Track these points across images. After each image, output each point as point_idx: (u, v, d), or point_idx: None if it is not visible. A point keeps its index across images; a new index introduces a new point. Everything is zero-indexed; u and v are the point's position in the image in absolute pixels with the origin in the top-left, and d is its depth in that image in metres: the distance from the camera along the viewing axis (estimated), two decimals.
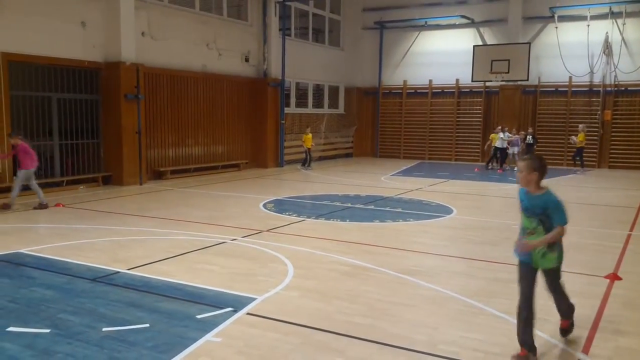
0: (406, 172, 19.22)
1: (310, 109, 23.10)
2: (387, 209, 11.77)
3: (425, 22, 23.67)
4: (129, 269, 6.96)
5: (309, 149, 20.39)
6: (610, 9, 20.52)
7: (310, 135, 20.45)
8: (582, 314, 5.53)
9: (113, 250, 7.97)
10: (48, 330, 5.02)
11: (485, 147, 21.56)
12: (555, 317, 5.42)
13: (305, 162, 20.44)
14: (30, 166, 11.02)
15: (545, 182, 4.66)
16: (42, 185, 13.25)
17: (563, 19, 21.38)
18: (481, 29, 23.09)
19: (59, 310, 5.54)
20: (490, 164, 20.72)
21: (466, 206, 12.23)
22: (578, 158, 19.88)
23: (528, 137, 20.37)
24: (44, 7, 13.05)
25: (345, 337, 4.94)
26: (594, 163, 21.21)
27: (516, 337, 4.53)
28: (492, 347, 4.74)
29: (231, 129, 18.91)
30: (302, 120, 22.37)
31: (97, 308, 5.60)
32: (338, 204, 12.32)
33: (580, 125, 20.06)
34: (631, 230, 9.83)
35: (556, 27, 21.40)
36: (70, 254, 7.66)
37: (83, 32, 13.93)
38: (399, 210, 11.60)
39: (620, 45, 20.64)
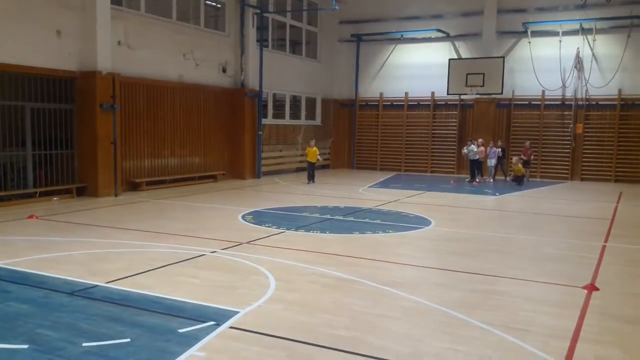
0: (383, 184, 19.32)
1: (287, 120, 23.10)
2: (367, 220, 11.79)
3: (402, 36, 23.93)
4: (107, 282, 6.84)
5: (312, 163, 18.86)
6: (581, 25, 21.02)
7: (315, 149, 18.94)
8: (562, 325, 5.62)
9: (90, 263, 7.82)
10: (26, 346, 4.89)
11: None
12: (536, 328, 5.50)
13: (311, 177, 18.89)
14: None
15: (518, 195, 4.72)
16: (15, 197, 13.04)
17: (536, 34, 21.83)
18: (456, 43, 23.43)
19: (36, 325, 5.40)
20: (475, 178, 20.61)
21: (444, 218, 12.32)
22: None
23: (497, 150, 20.63)
24: (18, 14, 12.84)
25: (330, 350, 4.92)
26: (566, 175, 21.62)
27: (500, 348, 4.55)
28: (476, 359, 4.76)
29: (208, 139, 18.79)
30: (279, 132, 22.35)
31: (76, 322, 5.48)
32: (317, 215, 12.31)
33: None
34: (605, 241, 10.01)
35: (529, 42, 21.83)
36: (46, 267, 7.49)
37: (58, 41, 13.73)
38: (378, 221, 11.63)
39: (591, 61, 21.14)
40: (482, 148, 20.44)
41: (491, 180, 20.58)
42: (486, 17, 22.48)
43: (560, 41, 21.24)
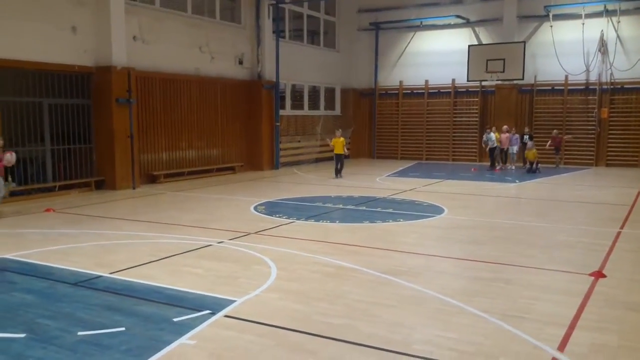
0: (402, 173, 19.18)
1: (306, 111, 23.08)
2: (379, 209, 11.73)
3: (421, 23, 23.63)
4: (111, 273, 6.94)
5: (340, 155, 17.49)
6: (605, 6, 20.46)
7: (342, 139, 17.57)
8: (562, 312, 5.51)
9: (98, 254, 7.95)
10: (23, 335, 5.00)
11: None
12: (534, 316, 5.40)
13: (338, 171, 17.58)
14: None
15: (538, 182, 4.62)
16: (35, 191, 13.34)
17: (558, 17, 21.32)
18: (476, 29, 23.05)
19: (36, 315, 5.52)
20: (496, 165, 20.43)
21: (458, 206, 12.18)
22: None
23: (525, 137, 20.27)
24: (34, 12, 13.07)
25: (321, 338, 4.91)
26: (591, 161, 21.15)
27: (493, 336, 4.49)
28: (467, 347, 4.70)
29: (226, 131, 18.90)
30: (297, 122, 22.36)
31: (74, 312, 5.58)
32: (330, 205, 12.29)
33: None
34: (622, 227, 9.77)
35: (551, 26, 21.34)
36: (55, 259, 7.64)
37: (73, 37, 13.94)
38: (390, 210, 11.56)
39: (616, 43, 20.57)
40: (507, 134, 20.12)
41: (513, 167, 20.26)
42: (507, 2, 22.03)
43: (583, 24, 20.72)
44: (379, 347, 4.69)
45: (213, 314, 5.48)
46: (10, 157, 10.96)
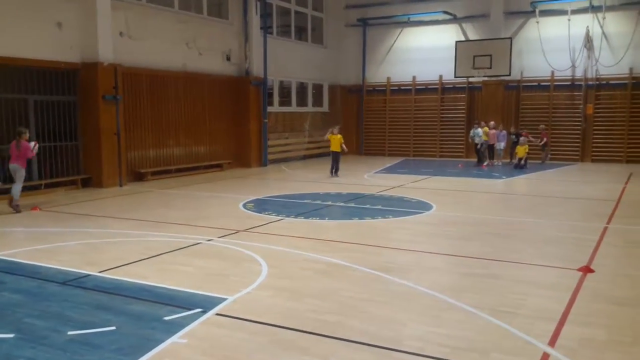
0: (390, 170, 19.22)
1: (294, 108, 23.05)
2: (367, 206, 11.75)
3: (408, 19, 23.68)
4: (100, 272, 6.89)
5: (337, 152, 16.88)
6: (591, 2, 20.61)
7: (339, 136, 16.92)
8: (552, 307, 5.55)
9: (86, 253, 7.89)
10: (12, 335, 4.95)
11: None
12: (524, 311, 5.44)
13: (333, 169, 16.99)
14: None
15: (525, 178, 4.64)
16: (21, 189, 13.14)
17: (544, 13, 21.47)
18: (463, 25, 23.13)
19: (25, 314, 5.46)
20: (483, 161, 20.50)
21: (446, 202, 12.23)
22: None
23: (512, 136, 20.37)
24: (18, 8, 12.90)
25: (312, 335, 4.91)
26: (577, 157, 21.34)
27: (484, 331, 4.51)
28: (459, 342, 4.72)
29: (213, 128, 18.80)
30: (285, 119, 22.31)
31: (64, 311, 5.53)
32: (319, 202, 12.28)
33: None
34: (608, 223, 9.87)
35: (537, 22, 21.48)
36: (42, 258, 7.57)
37: (59, 33, 13.78)
38: (379, 207, 11.58)
39: (601, 39, 20.75)
40: (494, 131, 20.23)
41: (499, 163, 20.38)
42: None
43: (569, 20, 20.88)
44: (371, 344, 4.70)
45: (204, 312, 5.45)
46: (36, 148, 11.44)
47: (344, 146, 17.02)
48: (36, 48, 13.26)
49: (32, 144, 11.27)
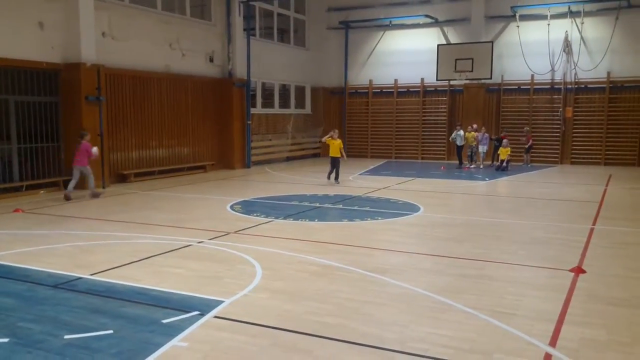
0: (374, 171, 19.28)
1: (276, 109, 22.99)
2: (356, 207, 11.76)
3: (390, 22, 23.79)
4: (91, 275, 6.77)
5: (336, 158, 15.59)
6: (569, 8, 20.96)
7: (338, 141, 15.69)
8: (548, 308, 5.61)
9: (75, 255, 7.75)
10: (7, 340, 4.83)
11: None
12: (522, 312, 5.49)
13: (332, 173, 15.80)
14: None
15: (507, 180, 4.67)
16: (1, 191, 12.92)
17: (524, 18, 21.75)
18: (445, 28, 23.33)
19: (18, 318, 5.34)
20: (465, 163, 20.69)
21: (433, 204, 12.30)
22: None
23: (495, 141, 20.58)
24: None
25: (315, 338, 4.88)
26: (556, 159, 21.66)
27: (485, 332, 4.53)
28: (461, 343, 4.74)
29: (196, 130, 18.66)
30: (268, 121, 22.24)
31: (58, 315, 5.42)
32: (306, 204, 12.25)
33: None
34: (593, 224, 10.02)
35: (518, 26, 21.75)
36: (30, 261, 7.41)
37: (41, 33, 13.54)
38: (367, 209, 11.60)
39: (580, 44, 21.09)
40: (476, 134, 20.40)
41: (481, 165, 20.58)
42: (474, 2, 22.36)
43: (548, 24, 21.19)
44: (374, 346, 4.70)
45: (202, 314, 5.39)
46: (96, 151, 12.94)
47: (343, 152, 16.00)
48: (17, 48, 13.01)
49: (94, 149, 12.82)
